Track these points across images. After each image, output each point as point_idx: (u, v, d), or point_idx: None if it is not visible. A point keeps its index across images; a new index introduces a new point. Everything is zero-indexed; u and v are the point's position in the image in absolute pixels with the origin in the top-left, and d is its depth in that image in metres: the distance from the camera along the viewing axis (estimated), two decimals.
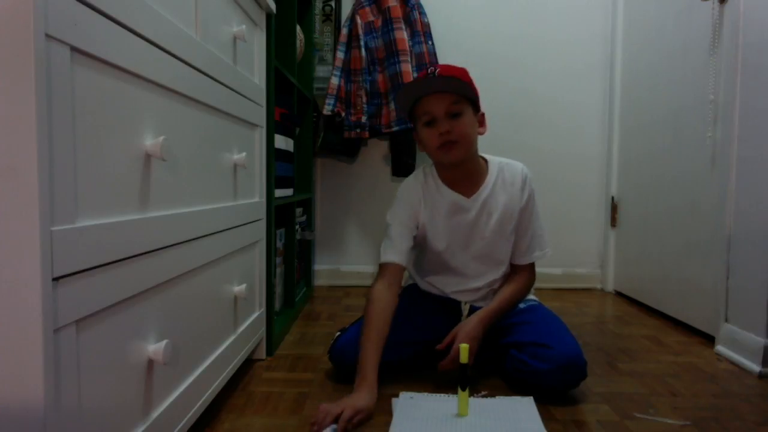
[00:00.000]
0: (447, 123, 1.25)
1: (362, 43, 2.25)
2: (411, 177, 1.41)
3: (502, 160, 1.39)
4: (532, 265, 1.41)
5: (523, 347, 1.26)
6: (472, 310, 1.39)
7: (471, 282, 1.40)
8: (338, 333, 1.36)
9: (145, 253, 0.74)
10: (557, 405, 1.19)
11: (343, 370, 1.32)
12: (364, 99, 2.24)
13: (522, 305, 1.40)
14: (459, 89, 1.25)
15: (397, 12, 2.23)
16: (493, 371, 1.37)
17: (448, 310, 1.43)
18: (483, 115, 1.34)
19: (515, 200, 1.35)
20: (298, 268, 2.09)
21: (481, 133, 1.32)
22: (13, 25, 0.51)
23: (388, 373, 1.32)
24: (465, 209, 1.34)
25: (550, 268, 2.48)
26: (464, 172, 1.34)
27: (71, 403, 0.59)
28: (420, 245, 1.42)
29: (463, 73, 1.27)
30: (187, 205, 0.90)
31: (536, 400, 1.18)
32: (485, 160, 1.38)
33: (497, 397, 1.21)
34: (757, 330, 1.42)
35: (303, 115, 2.21)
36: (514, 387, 1.29)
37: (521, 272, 1.40)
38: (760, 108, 1.44)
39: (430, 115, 1.26)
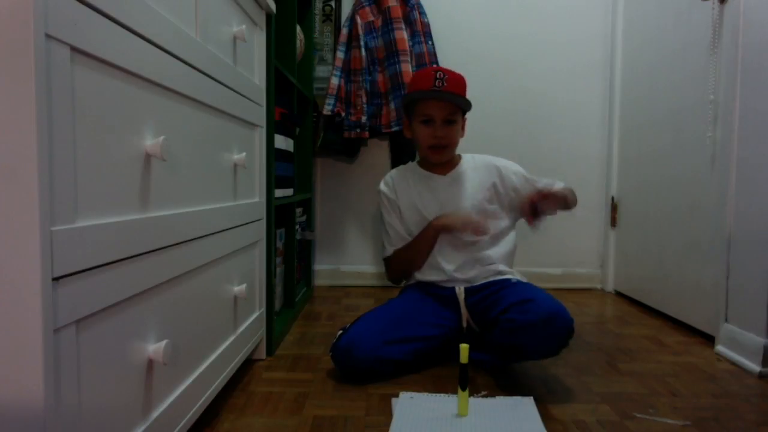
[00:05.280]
0: (443, 129, 1.45)
1: (362, 43, 2.25)
2: (381, 182, 1.61)
3: (472, 155, 1.61)
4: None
5: (509, 308, 1.29)
6: (467, 292, 1.45)
7: (463, 253, 1.47)
8: (340, 332, 1.35)
9: (145, 253, 0.74)
10: (557, 405, 1.19)
11: (346, 371, 1.32)
12: (364, 99, 2.24)
13: (510, 280, 1.45)
14: (460, 103, 1.44)
15: (397, 12, 2.23)
16: (492, 369, 1.37)
17: (448, 301, 1.46)
18: (465, 120, 1.54)
19: (488, 176, 1.53)
20: (298, 268, 2.09)
21: (461, 136, 1.54)
22: (13, 25, 0.51)
23: (392, 373, 1.32)
24: (441, 183, 1.53)
25: (550, 268, 2.49)
26: (441, 163, 1.55)
27: (71, 403, 0.59)
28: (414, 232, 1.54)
29: (464, 86, 1.46)
30: (187, 205, 0.90)
31: (536, 400, 1.18)
32: (458, 155, 1.59)
33: (497, 397, 1.21)
34: (757, 330, 1.42)
35: (303, 115, 2.21)
36: (506, 357, 1.33)
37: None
38: (760, 108, 1.44)
39: (429, 116, 1.44)
